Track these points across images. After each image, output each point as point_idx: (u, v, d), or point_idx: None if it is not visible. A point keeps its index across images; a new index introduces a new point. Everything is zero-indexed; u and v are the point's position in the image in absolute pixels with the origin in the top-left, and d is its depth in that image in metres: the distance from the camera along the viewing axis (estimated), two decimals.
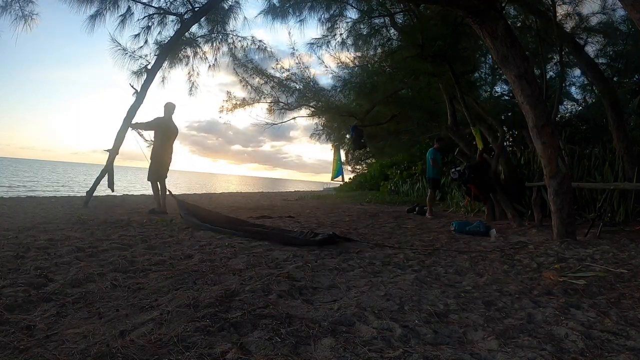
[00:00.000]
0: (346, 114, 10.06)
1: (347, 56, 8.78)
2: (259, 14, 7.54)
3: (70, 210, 5.88)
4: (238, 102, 9.80)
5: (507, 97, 10.10)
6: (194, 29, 7.50)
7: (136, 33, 7.10)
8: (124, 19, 6.79)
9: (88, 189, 6.70)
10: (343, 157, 16.26)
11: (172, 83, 8.16)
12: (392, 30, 7.59)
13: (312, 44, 8.35)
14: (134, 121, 6.25)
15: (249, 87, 9.53)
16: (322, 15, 7.43)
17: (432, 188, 7.52)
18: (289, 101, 9.77)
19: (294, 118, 10.43)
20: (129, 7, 6.80)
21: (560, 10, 6.61)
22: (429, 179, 7.68)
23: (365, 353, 1.37)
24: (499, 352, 1.42)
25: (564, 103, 10.18)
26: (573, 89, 10.09)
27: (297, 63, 9.37)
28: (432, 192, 7.48)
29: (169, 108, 6.06)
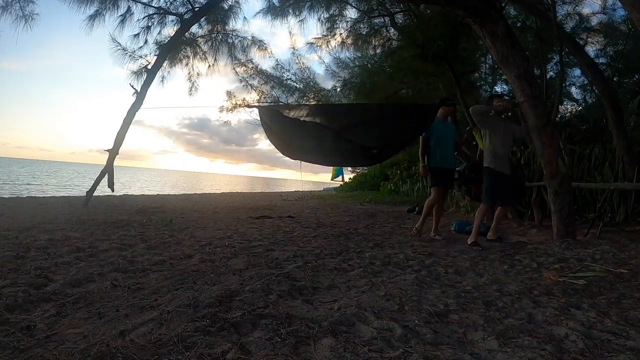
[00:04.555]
0: None
1: (347, 56, 8.79)
2: (258, 13, 7.56)
3: (70, 210, 5.88)
4: (238, 102, 9.81)
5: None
6: (194, 29, 7.50)
7: (136, 33, 7.12)
8: (124, 19, 6.80)
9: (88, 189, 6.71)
10: None
11: (171, 82, 8.16)
12: (392, 30, 7.60)
13: (312, 43, 8.36)
14: None
15: (249, 86, 9.55)
16: (322, 15, 7.44)
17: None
18: (289, 101, 9.78)
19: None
20: (128, 7, 6.81)
21: (561, 10, 6.62)
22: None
23: (365, 353, 1.37)
24: (499, 352, 1.42)
25: (564, 103, 10.18)
26: (573, 89, 10.10)
27: (297, 63, 9.39)
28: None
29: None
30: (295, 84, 9.50)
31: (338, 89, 9.30)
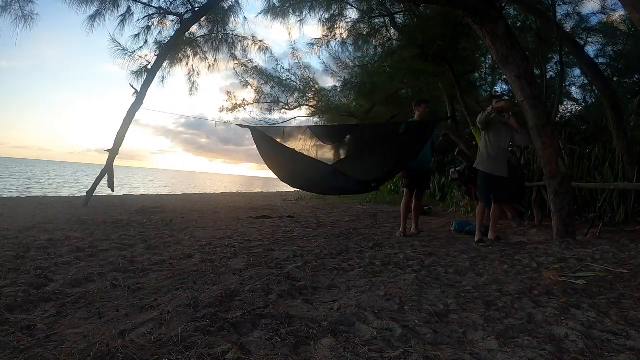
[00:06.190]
0: (346, 114, 10.08)
1: (347, 56, 8.81)
2: (260, 13, 7.58)
3: (70, 210, 5.88)
4: (238, 103, 9.83)
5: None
6: (194, 29, 7.51)
7: (136, 33, 7.13)
8: (124, 19, 6.80)
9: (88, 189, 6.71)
10: None
11: (171, 82, 8.17)
12: (392, 30, 7.61)
13: (313, 44, 8.37)
14: None
15: (248, 86, 9.57)
16: (322, 15, 7.46)
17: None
18: (288, 101, 9.80)
19: (294, 118, 10.47)
20: (129, 7, 6.81)
21: (561, 10, 6.63)
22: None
23: (365, 353, 1.37)
24: (499, 352, 1.42)
25: (564, 103, 10.18)
26: (573, 89, 10.10)
27: (297, 63, 9.41)
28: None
29: None
30: (295, 83, 9.52)
31: (338, 89, 9.32)
